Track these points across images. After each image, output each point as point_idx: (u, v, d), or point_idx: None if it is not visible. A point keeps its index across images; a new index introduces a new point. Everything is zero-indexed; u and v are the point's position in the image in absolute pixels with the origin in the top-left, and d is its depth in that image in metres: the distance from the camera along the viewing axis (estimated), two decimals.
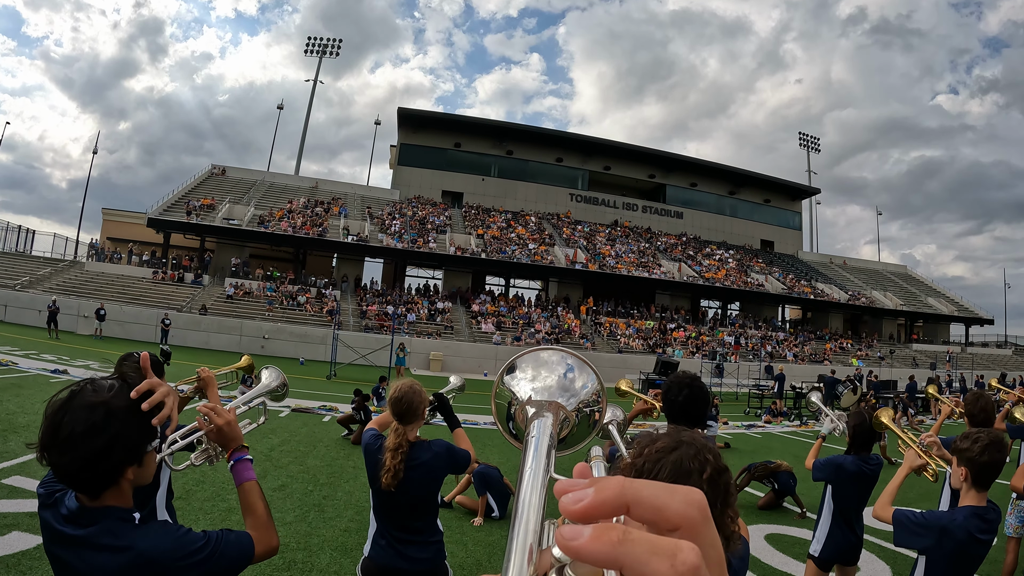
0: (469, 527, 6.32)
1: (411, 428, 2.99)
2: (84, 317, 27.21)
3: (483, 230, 44.16)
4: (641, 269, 43.47)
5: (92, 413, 1.46)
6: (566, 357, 0.66)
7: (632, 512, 0.36)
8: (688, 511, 0.36)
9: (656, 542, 0.33)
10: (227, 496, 6.41)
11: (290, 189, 45.09)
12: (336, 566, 4.81)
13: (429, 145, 49.91)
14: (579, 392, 0.64)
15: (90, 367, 16.37)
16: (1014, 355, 51.04)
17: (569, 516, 0.36)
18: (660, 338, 39.02)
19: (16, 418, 9.01)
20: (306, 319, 31.88)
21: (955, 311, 53.21)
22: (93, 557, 1.48)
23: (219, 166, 45.02)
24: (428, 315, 35.64)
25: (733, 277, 46.00)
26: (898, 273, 61.13)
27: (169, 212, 35.44)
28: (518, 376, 0.66)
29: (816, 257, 59.24)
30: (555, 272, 42.03)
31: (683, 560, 0.32)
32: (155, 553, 1.49)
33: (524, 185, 51.86)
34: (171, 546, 1.52)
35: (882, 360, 41.57)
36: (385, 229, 40.39)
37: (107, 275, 32.37)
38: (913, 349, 47.33)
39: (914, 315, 51.78)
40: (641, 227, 53.07)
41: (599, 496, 0.36)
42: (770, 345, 40.79)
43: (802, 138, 63.55)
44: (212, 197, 38.60)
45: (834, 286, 50.17)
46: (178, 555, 1.51)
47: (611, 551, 0.33)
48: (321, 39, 54.15)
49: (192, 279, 33.98)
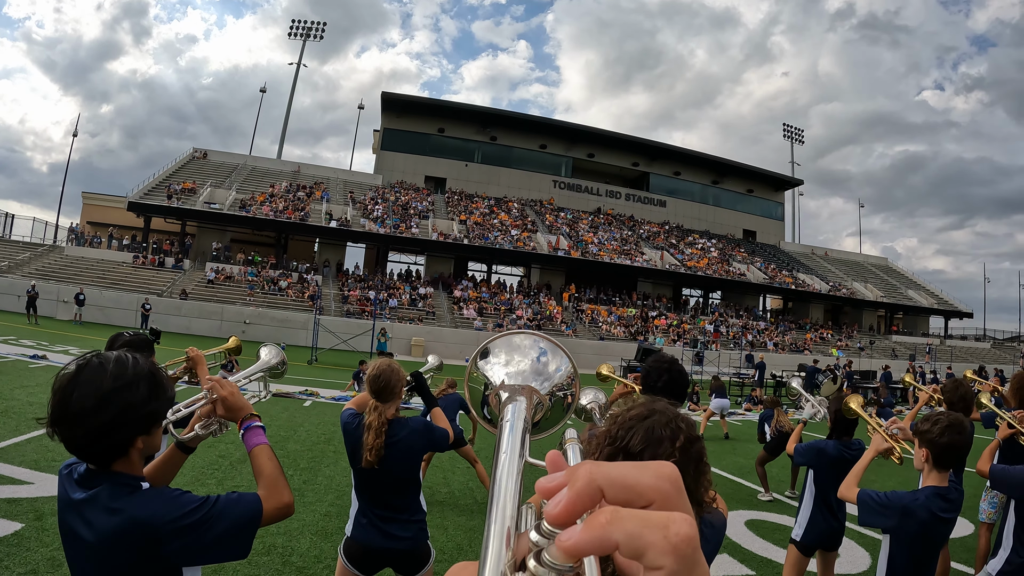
0: (450, 511, 6.44)
1: (389, 406, 3.03)
2: (64, 302, 26.97)
3: (466, 216, 44.10)
4: (624, 257, 43.68)
5: (101, 386, 1.48)
6: (539, 341, 0.67)
7: (607, 495, 0.36)
8: (659, 484, 0.36)
9: (647, 516, 0.33)
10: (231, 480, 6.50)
11: (272, 173, 44.71)
12: (316, 550, 4.93)
13: (413, 130, 49.65)
14: (552, 376, 0.65)
15: (69, 352, 16.28)
16: (992, 348, 52.09)
17: (554, 522, 0.36)
18: (642, 326, 39.34)
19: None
20: (287, 304, 31.79)
21: (935, 304, 54.05)
22: (92, 518, 1.49)
23: (200, 150, 44.50)
24: (410, 300, 35.67)
25: (715, 266, 46.39)
26: (879, 265, 61.91)
27: (150, 196, 35.04)
28: (491, 361, 0.67)
29: (798, 248, 59.82)
30: (537, 258, 42.15)
31: (676, 531, 0.32)
32: (146, 516, 1.48)
33: (508, 171, 51.79)
34: (163, 509, 1.50)
35: (862, 351, 42.25)
36: (368, 214, 40.23)
37: (87, 259, 32.05)
38: (893, 341, 48.11)
39: (894, 307, 52.54)
40: (624, 215, 53.26)
41: (572, 490, 0.36)
42: (751, 334, 41.27)
43: (786, 129, 63.93)
44: (193, 181, 38.19)
45: (815, 277, 50.75)
46: (171, 517, 1.49)
47: (602, 533, 0.33)
48: (305, 22, 53.52)
49: (173, 264, 33.73)
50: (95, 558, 1.51)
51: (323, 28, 53.40)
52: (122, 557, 1.49)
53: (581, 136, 52.82)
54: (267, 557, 4.67)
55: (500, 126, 51.22)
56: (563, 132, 52.58)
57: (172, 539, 1.49)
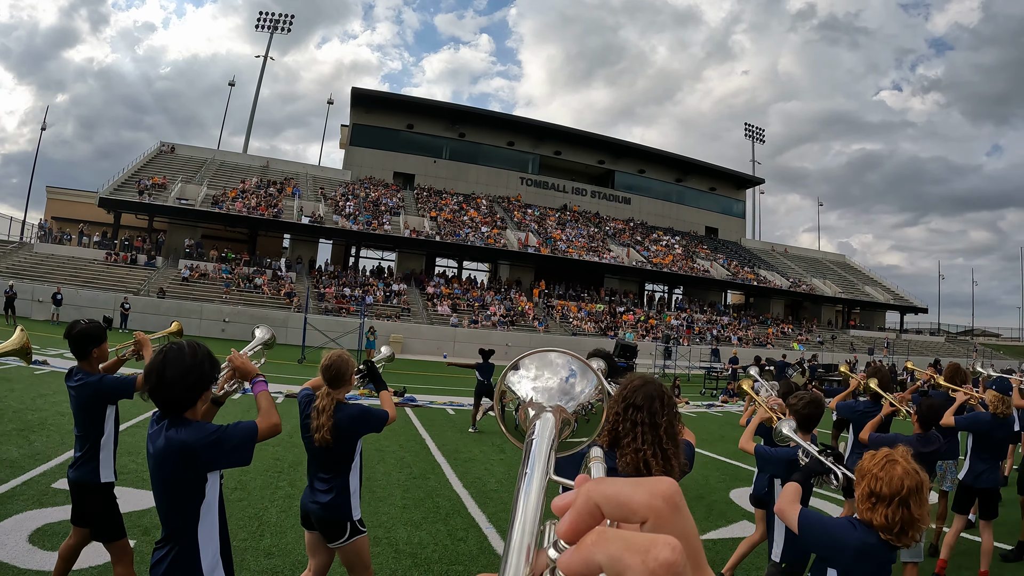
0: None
1: (339, 392, 3.47)
2: (39, 302, 26.77)
3: (436, 212, 44.68)
4: (592, 254, 44.88)
5: (182, 365, 2.36)
6: (571, 361, 0.68)
7: (604, 512, 0.37)
8: (653, 502, 0.36)
9: (630, 538, 0.34)
10: None
11: (241, 168, 44.51)
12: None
13: (382, 126, 49.92)
14: (579, 396, 0.66)
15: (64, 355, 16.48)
16: (946, 342, 55.17)
17: (563, 539, 0.38)
18: (611, 321, 40.60)
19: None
20: (264, 301, 32.03)
21: (891, 299, 56.90)
22: (154, 442, 2.38)
23: (168, 143, 44.00)
24: (384, 297, 36.17)
25: (680, 263, 48.00)
26: (837, 262, 64.64)
27: (120, 191, 34.73)
28: (521, 375, 0.68)
29: (759, 245, 62.06)
30: (508, 255, 43.03)
31: (655, 556, 0.32)
32: (180, 440, 2.33)
33: (476, 168, 52.49)
34: (191, 435, 2.35)
35: (822, 344, 44.40)
36: (339, 210, 40.49)
37: (58, 257, 31.61)
38: (851, 335, 50.59)
39: (852, 303, 55.10)
40: (590, 212, 54.50)
41: (573, 508, 0.38)
42: (715, 329, 42.94)
43: (748, 129, 66.01)
44: (164, 176, 37.85)
45: (776, 273, 52.90)
46: (196, 438, 2.35)
47: (587, 554, 0.34)
48: (273, 14, 53.17)
49: (146, 261, 33.52)
50: (156, 465, 2.40)
51: (291, 21, 53.16)
52: (169, 463, 2.37)
53: (548, 133, 53.82)
54: (377, 548, 5.31)
55: (468, 123, 51.87)
56: (530, 129, 53.48)
57: (201, 452, 2.36)
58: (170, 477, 2.40)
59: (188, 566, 2.37)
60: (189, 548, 2.39)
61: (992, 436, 5.46)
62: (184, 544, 2.39)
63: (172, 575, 2.37)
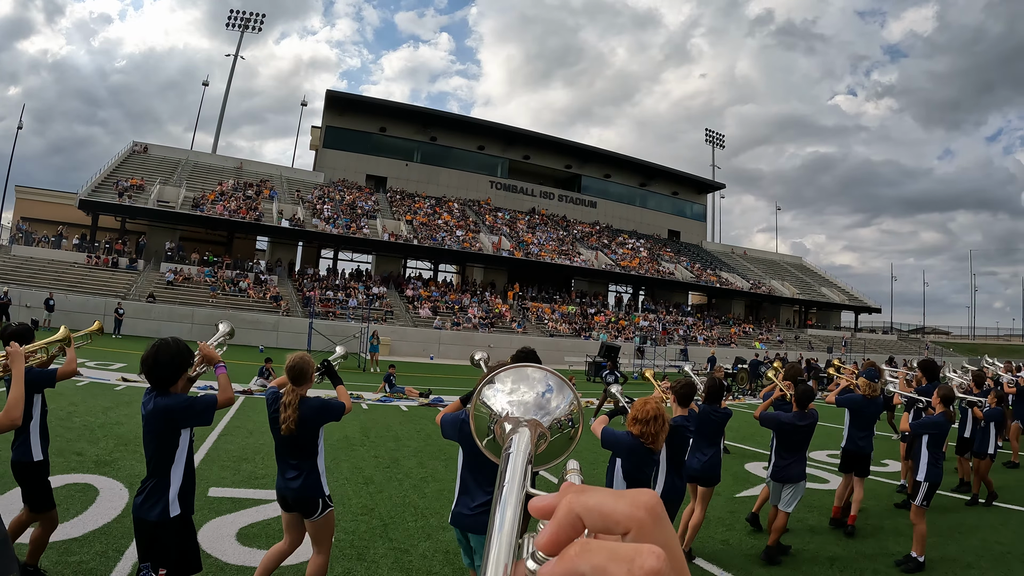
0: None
1: (302, 388, 3.97)
2: (26, 307, 26.40)
3: (411, 216, 45.25)
4: (563, 257, 46.23)
5: (170, 352, 3.34)
6: (548, 376, 0.69)
7: (586, 523, 0.38)
8: (635, 512, 0.37)
9: (615, 548, 0.34)
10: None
11: (215, 169, 44.15)
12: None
13: (355, 128, 50.12)
14: (554, 411, 0.67)
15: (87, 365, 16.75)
16: (899, 340, 58.60)
17: (542, 551, 0.39)
18: (583, 322, 41.98)
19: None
20: (251, 305, 32.16)
21: (846, 300, 60.11)
22: (146, 407, 3.35)
23: (141, 143, 43.27)
24: (367, 300, 36.64)
25: (647, 265, 49.77)
26: (794, 264, 67.68)
27: (98, 192, 34.24)
28: (497, 388, 0.69)
29: (719, 247, 64.57)
30: (483, 259, 43.93)
31: (640, 564, 0.32)
32: (164, 405, 3.31)
33: (447, 171, 53.19)
34: (172, 402, 3.33)
35: (781, 343, 46.73)
36: (317, 213, 40.69)
37: (37, 260, 30.98)
38: (809, 334, 53.31)
39: (809, 303, 57.92)
40: (557, 215, 55.86)
41: (554, 519, 0.39)
42: (682, 329, 44.81)
43: (708, 135, 68.42)
44: (141, 177, 37.42)
45: (737, 275, 55.32)
46: (175, 404, 3.34)
47: (571, 566, 0.34)
48: (244, 13, 52.50)
49: (127, 264, 33.19)
50: (147, 422, 3.37)
51: (262, 20, 52.69)
52: (156, 421, 3.33)
53: (517, 138, 54.89)
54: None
55: (440, 127, 52.52)
56: (500, 134, 54.41)
57: (178, 414, 3.34)
58: (156, 431, 3.37)
59: (162, 492, 3.34)
60: (164, 480, 3.36)
61: (863, 412, 7.07)
62: (161, 477, 3.36)
63: (151, 498, 3.33)
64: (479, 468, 3.61)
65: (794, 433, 5.93)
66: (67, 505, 5.49)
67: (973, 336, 71.72)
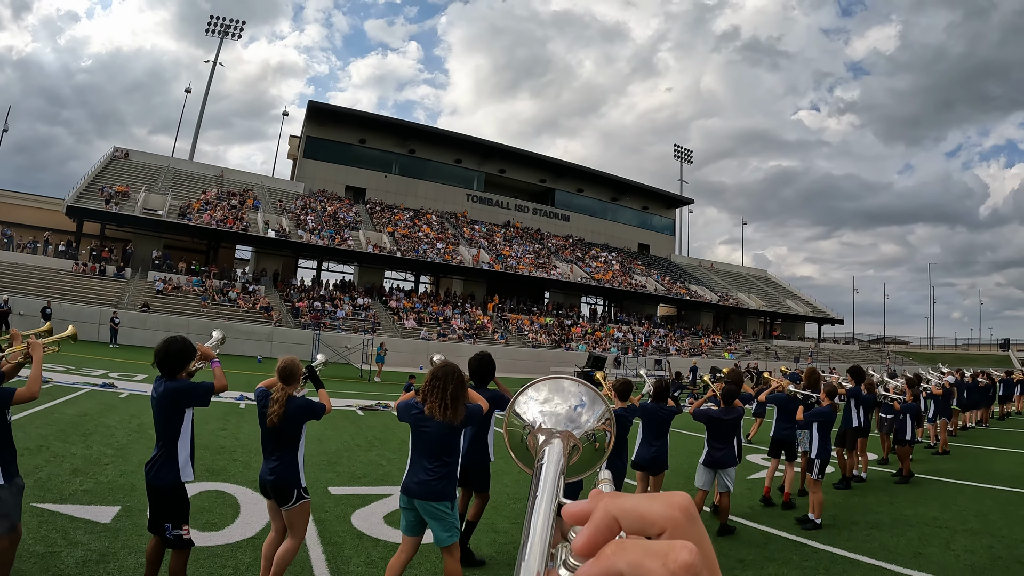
0: None
1: (290, 388, 4.41)
2: (20, 315, 26.10)
3: (392, 228, 45.77)
4: (540, 270, 47.38)
5: (178, 346, 4.12)
6: (584, 391, 0.70)
7: (623, 525, 0.39)
8: (670, 512, 0.39)
9: (650, 545, 0.36)
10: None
11: (196, 177, 43.88)
12: None
13: (335, 139, 50.41)
14: (587, 423, 0.68)
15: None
16: (860, 350, 61.33)
17: (578, 554, 0.40)
18: (561, 333, 43.13)
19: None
20: (242, 316, 32.26)
21: (810, 312, 62.86)
22: (157, 390, 4.07)
23: (122, 149, 42.72)
24: (353, 311, 37.05)
25: (619, 278, 51.29)
26: (759, 277, 70.33)
27: (83, 199, 33.86)
28: (530, 396, 0.71)
29: (687, 260, 66.77)
30: (463, 271, 44.72)
31: (674, 558, 0.34)
32: (172, 388, 4.03)
33: (424, 184, 53.84)
34: (178, 386, 4.04)
35: (749, 353, 48.69)
36: (301, 224, 40.91)
37: (23, 267, 30.39)
38: (775, 344, 55.54)
39: (774, 315, 60.29)
40: (532, 228, 57.07)
41: (591, 523, 0.40)
42: (654, 340, 46.38)
43: (677, 150, 70.77)
44: (126, 184, 37.11)
45: (705, 288, 57.41)
46: (180, 387, 4.05)
47: (608, 564, 0.36)
48: (224, 19, 52.29)
49: (115, 272, 32.90)
50: (157, 403, 4.08)
51: (242, 27, 52.53)
52: (164, 401, 4.04)
53: (493, 152, 55.94)
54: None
55: (418, 139, 53.23)
56: (477, 148, 55.36)
57: (182, 395, 4.08)
58: (165, 410, 4.05)
59: (171, 461, 4.02)
60: (171, 450, 4.03)
61: (788, 408, 8.28)
62: (168, 448, 4.03)
63: (162, 467, 4.01)
64: (423, 447, 4.28)
65: (722, 425, 6.96)
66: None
67: (932, 346, 74.28)
